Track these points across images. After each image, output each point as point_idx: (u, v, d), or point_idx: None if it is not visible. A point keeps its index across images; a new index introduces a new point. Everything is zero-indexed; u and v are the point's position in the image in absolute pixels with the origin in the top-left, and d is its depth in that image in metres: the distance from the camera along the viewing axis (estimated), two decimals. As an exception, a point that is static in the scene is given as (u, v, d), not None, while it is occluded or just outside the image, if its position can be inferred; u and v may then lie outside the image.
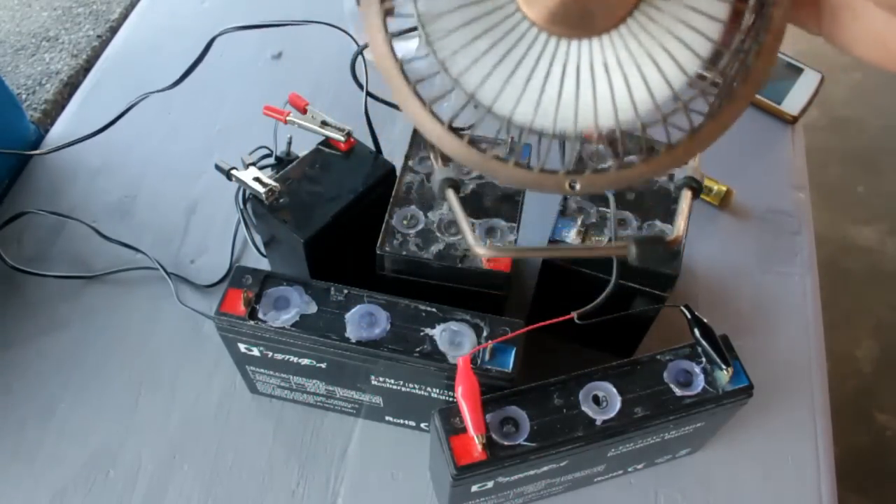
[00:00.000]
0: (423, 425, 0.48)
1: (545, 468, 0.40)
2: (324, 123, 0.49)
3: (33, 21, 0.75)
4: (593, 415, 0.39)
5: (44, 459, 0.48)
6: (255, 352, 0.44)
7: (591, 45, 0.22)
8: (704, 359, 0.41)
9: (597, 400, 0.39)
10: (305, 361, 0.43)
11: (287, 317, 0.41)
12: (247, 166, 0.46)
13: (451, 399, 0.42)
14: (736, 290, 0.57)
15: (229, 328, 0.42)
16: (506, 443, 0.38)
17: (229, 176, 0.46)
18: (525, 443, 0.38)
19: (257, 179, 0.45)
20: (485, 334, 0.41)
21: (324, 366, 0.43)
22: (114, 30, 0.76)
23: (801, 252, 0.60)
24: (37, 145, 0.65)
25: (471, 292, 0.44)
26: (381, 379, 0.43)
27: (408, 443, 0.49)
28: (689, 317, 0.42)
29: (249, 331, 0.42)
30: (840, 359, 1.34)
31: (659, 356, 0.41)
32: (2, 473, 0.48)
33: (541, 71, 0.23)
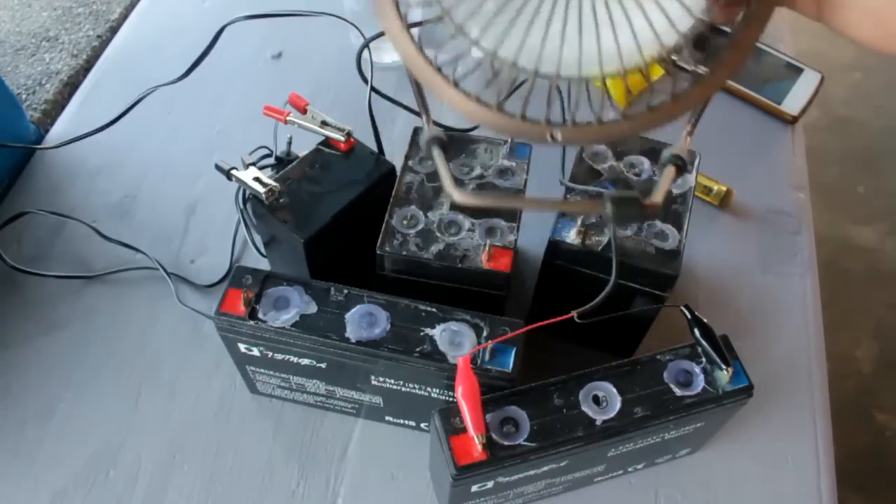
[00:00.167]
0: (423, 425, 0.48)
1: (545, 468, 0.40)
2: (324, 123, 0.49)
3: (33, 21, 0.75)
4: (593, 415, 0.39)
5: (44, 459, 0.48)
6: (255, 352, 0.44)
7: None
8: (704, 359, 0.41)
9: (597, 400, 0.39)
10: (305, 361, 0.43)
11: (287, 317, 0.41)
12: (247, 166, 0.46)
13: (451, 399, 0.42)
14: (736, 290, 0.58)
15: (229, 328, 0.42)
16: (506, 443, 0.38)
17: (229, 176, 0.46)
18: (525, 443, 0.38)
19: (257, 179, 0.45)
20: (485, 334, 0.41)
21: (324, 366, 0.43)
22: (114, 30, 0.76)
23: (801, 252, 0.60)
24: (37, 145, 0.65)
25: (471, 292, 0.44)
26: (381, 379, 0.43)
27: (408, 443, 0.49)
28: (689, 317, 0.42)
29: (249, 331, 0.42)
30: (840, 359, 1.34)
31: (659, 356, 0.41)
32: (2, 473, 0.48)
33: (544, 11, 0.23)
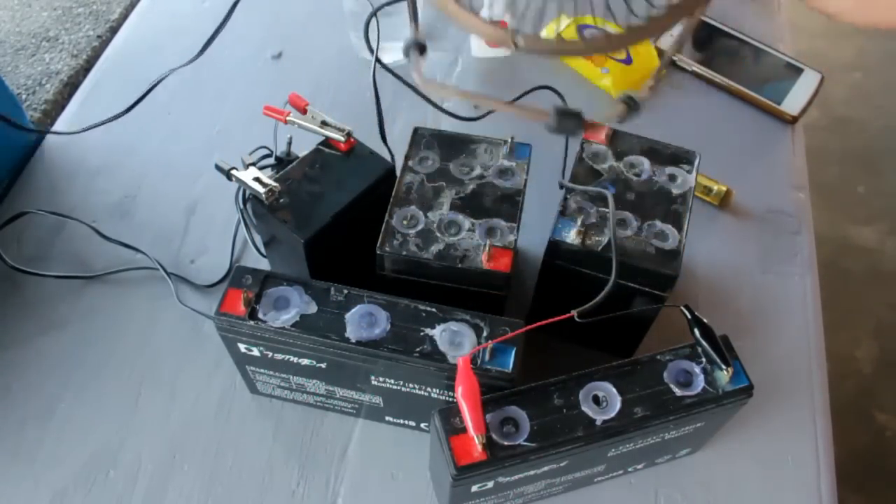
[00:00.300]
0: (423, 425, 0.48)
1: (545, 468, 0.40)
2: (324, 123, 0.49)
3: (33, 21, 0.75)
4: (593, 415, 0.39)
5: (44, 459, 0.48)
6: (255, 352, 0.44)
7: None
8: (704, 359, 0.41)
9: (597, 400, 0.39)
10: (305, 361, 0.43)
11: (287, 317, 0.41)
12: (247, 166, 0.46)
13: (451, 399, 0.42)
14: (736, 290, 0.58)
15: (229, 328, 0.42)
16: (506, 443, 0.38)
17: (229, 176, 0.46)
18: (525, 443, 0.38)
19: (257, 179, 0.45)
20: (485, 334, 0.41)
21: (324, 366, 0.43)
22: (114, 30, 0.76)
23: (801, 252, 0.60)
24: (37, 145, 0.65)
25: (471, 292, 0.44)
26: (381, 379, 0.43)
27: (408, 443, 0.49)
28: (689, 317, 0.42)
29: (249, 331, 0.42)
30: (840, 359, 1.34)
31: (659, 356, 0.41)
32: (2, 474, 0.48)
33: None
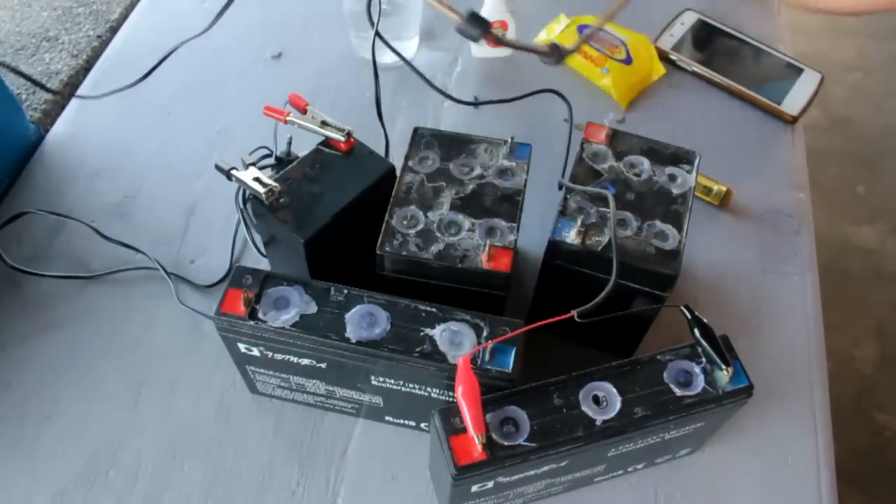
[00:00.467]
0: (423, 425, 0.48)
1: (545, 468, 0.40)
2: (324, 123, 0.49)
3: (33, 21, 0.75)
4: (593, 415, 0.39)
5: (44, 459, 0.48)
6: (255, 352, 0.44)
7: None
8: (704, 359, 0.41)
9: (597, 400, 0.39)
10: (305, 361, 0.43)
11: (287, 317, 0.41)
12: (247, 166, 0.46)
13: (451, 399, 0.42)
14: (736, 290, 0.57)
15: (229, 328, 0.42)
16: (506, 443, 0.38)
17: (229, 176, 0.46)
18: (525, 443, 0.38)
19: (257, 179, 0.45)
20: (485, 334, 0.41)
21: (324, 366, 0.43)
22: (114, 30, 0.76)
23: (801, 252, 0.60)
24: (37, 145, 0.65)
25: (471, 292, 0.44)
26: (381, 379, 0.43)
27: (408, 443, 0.49)
28: (689, 317, 0.42)
29: (249, 331, 0.42)
30: (840, 359, 1.34)
31: (659, 356, 0.41)
32: (2, 473, 0.48)
33: None
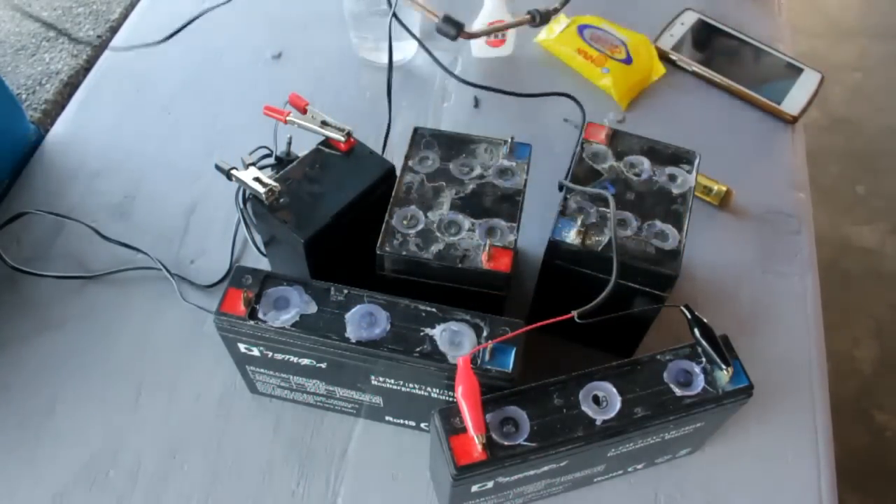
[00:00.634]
0: (423, 425, 0.48)
1: (545, 468, 0.40)
2: (324, 123, 0.49)
3: (33, 21, 0.75)
4: (593, 415, 0.39)
5: (44, 459, 0.48)
6: (255, 352, 0.44)
7: None
8: (704, 359, 0.41)
9: (597, 400, 0.39)
10: (305, 361, 0.43)
11: (287, 317, 0.41)
12: (247, 166, 0.46)
13: (451, 399, 0.42)
14: (736, 290, 0.57)
15: (229, 328, 0.42)
16: (506, 443, 0.38)
17: (229, 176, 0.46)
18: (525, 443, 0.38)
19: (257, 179, 0.45)
20: (485, 334, 0.41)
21: (324, 366, 0.43)
22: (114, 30, 0.76)
23: (801, 252, 0.60)
24: (37, 145, 0.65)
25: (471, 292, 0.44)
26: (381, 379, 0.43)
27: (408, 443, 0.49)
28: (689, 317, 0.42)
29: (249, 331, 0.42)
30: (840, 359, 1.34)
31: (659, 356, 0.41)
32: (1, 473, 0.48)
33: None
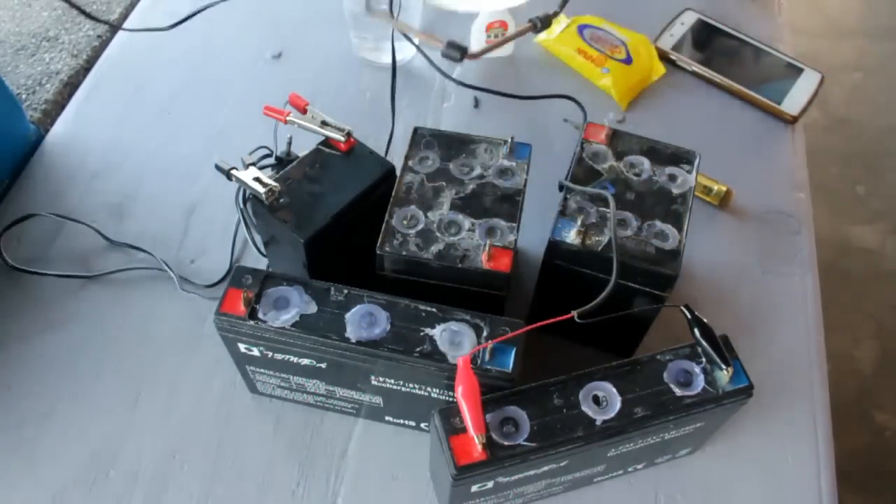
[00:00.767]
0: (423, 425, 0.48)
1: (545, 468, 0.40)
2: (324, 123, 0.49)
3: (33, 21, 0.75)
4: (593, 415, 0.39)
5: (43, 459, 0.48)
6: (255, 352, 0.44)
7: None
8: (704, 359, 0.41)
9: (597, 400, 0.39)
10: (305, 361, 0.43)
11: (287, 317, 0.41)
12: (247, 166, 0.46)
13: (451, 399, 0.42)
14: (736, 290, 0.57)
15: (229, 328, 0.42)
16: (506, 443, 0.38)
17: (229, 176, 0.46)
18: (525, 443, 0.38)
19: (257, 179, 0.45)
20: (485, 334, 0.41)
21: (324, 366, 0.43)
22: (114, 30, 0.76)
23: (801, 252, 0.60)
24: (37, 146, 0.65)
25: (471, 292, 0.44)
26: (381, 379, 0.43)
27: (408, 443, 0.49)
28: (689, 317, 0.42)
29: (249, 331, 0.42)
30: (840, 359, 1.34)
31: (659, 356, 0.41)
32: (2, 473, 0.48)
33: None
